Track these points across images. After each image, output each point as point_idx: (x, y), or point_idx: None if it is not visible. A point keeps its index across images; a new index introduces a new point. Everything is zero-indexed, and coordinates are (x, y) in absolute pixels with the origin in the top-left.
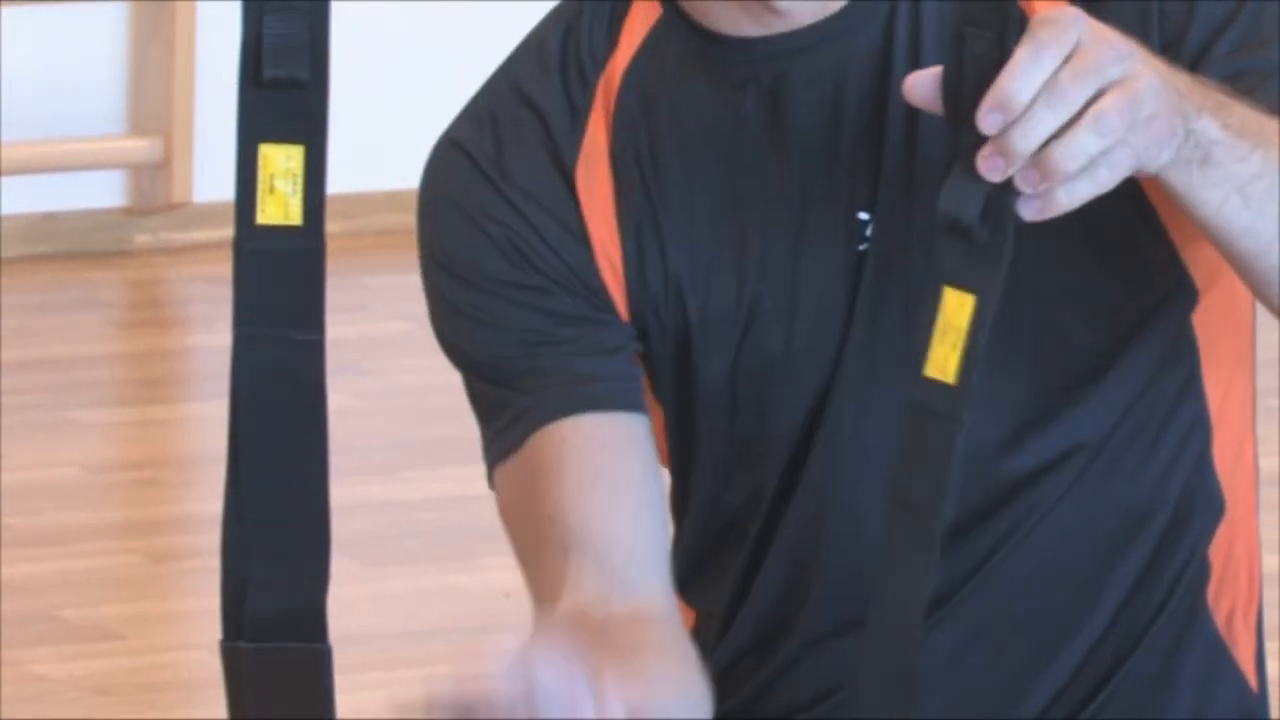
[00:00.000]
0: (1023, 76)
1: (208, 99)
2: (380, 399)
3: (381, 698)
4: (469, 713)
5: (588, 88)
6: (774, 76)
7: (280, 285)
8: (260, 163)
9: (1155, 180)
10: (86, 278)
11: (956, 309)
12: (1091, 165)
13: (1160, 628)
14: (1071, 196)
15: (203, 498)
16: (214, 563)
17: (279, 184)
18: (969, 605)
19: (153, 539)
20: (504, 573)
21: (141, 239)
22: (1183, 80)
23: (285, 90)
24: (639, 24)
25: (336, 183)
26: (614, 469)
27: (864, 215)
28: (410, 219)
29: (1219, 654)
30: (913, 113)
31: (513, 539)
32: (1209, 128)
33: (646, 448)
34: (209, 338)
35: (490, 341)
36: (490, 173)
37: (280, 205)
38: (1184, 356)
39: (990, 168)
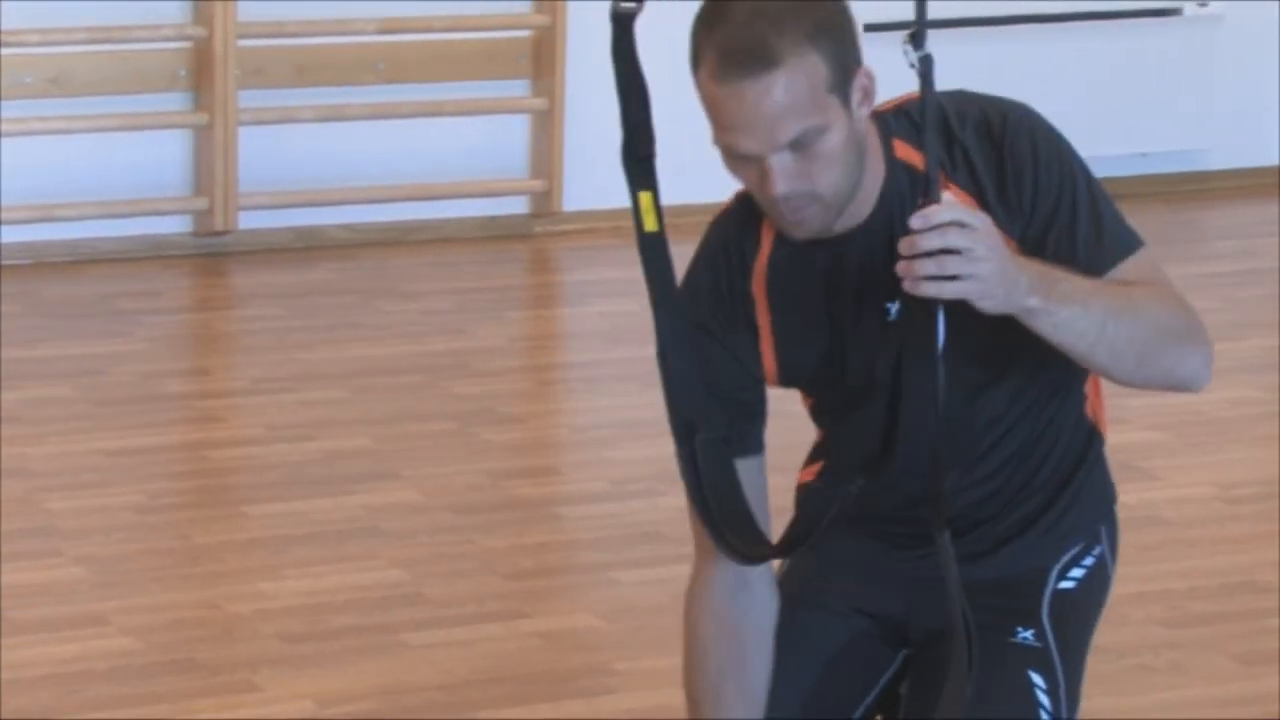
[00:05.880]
0: (926, 239)
1: (571, 154)
2: None
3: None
4: None
5: (747, 271)
6: (835, 256)
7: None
8: (641, 200)
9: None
10: (512, 246)
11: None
12: (939, 282)
13: (1069, 438)
14: (928, 290)
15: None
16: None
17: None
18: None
19: (548, 373)
20: None
21: (538, 228)
22: (1026, 270)
23: (645, 161)
24: (767, 236)
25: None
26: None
27: (891, 305)
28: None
29: (1096, 435)
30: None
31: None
32: (1032, 300)
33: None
34: (567, 275)
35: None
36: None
37: (652, 219)
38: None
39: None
